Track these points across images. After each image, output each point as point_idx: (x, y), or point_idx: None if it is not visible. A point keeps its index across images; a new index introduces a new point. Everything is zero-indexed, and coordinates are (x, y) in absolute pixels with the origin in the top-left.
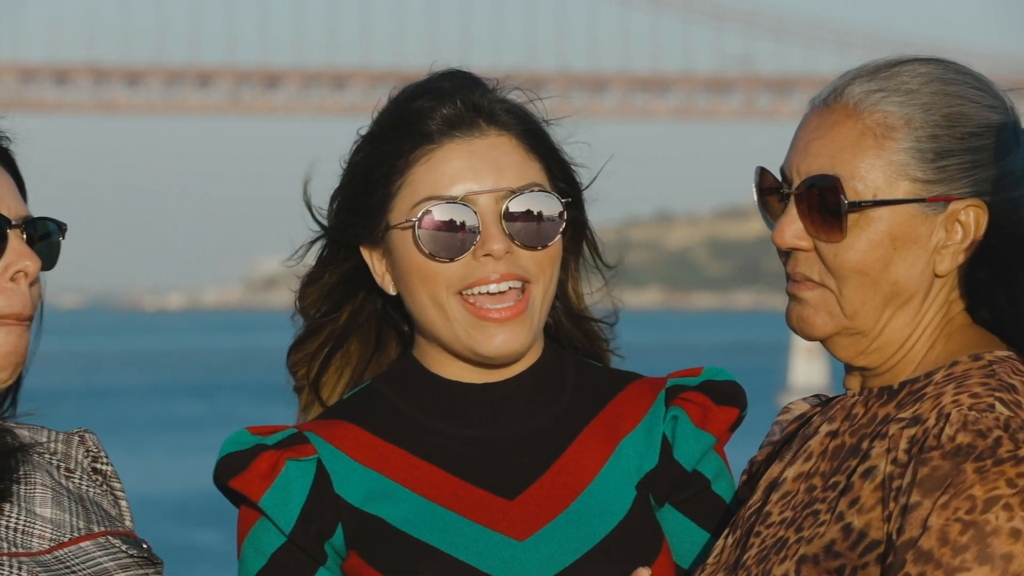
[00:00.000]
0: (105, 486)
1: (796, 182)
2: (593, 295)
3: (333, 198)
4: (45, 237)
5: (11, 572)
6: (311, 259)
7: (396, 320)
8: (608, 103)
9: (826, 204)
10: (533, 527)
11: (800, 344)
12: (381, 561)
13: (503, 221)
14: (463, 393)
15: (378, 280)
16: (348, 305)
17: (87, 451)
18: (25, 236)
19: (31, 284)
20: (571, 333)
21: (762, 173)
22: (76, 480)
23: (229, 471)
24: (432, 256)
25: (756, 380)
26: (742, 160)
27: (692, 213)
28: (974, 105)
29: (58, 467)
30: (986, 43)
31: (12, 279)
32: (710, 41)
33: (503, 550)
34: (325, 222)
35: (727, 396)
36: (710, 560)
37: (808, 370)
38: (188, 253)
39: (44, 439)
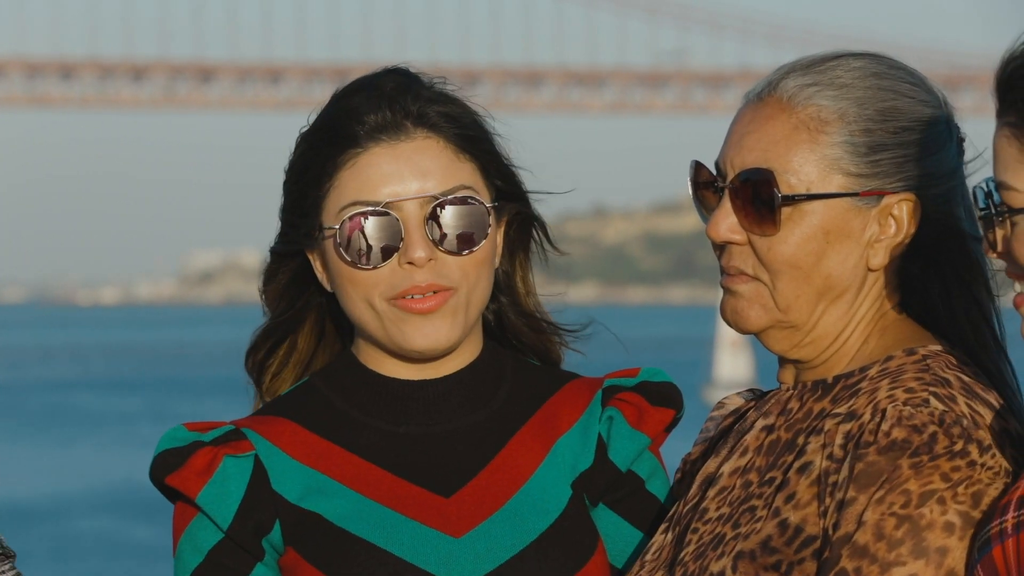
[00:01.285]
0: None
1: (730, 176)
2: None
3: (283, 190)
4: None
5: None
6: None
7: (338, 315)
8: (544, 97)
9: (760, 198)
10: (469, 524)
11: (725, 338)
12: (318, 557)
13: (426, 228)
14: (400, 390)
15: (319, 277)
16: (301, 301)
17: None
18: None
19: None
20: (517, 327)
21: (697, 167)
22: None
23: (165, 468)
24: (354, 264)
25: (682, 374)
26: (677, 154)
27: (628, 207)
28: (908, 100)
29: None
30: (920, 37)
31: None
32: (645, 35)
33: (439, 546)
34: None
35: (663, 397)
36: (648, 557)
37: (733, 364)
38: (121, 247)
39: None
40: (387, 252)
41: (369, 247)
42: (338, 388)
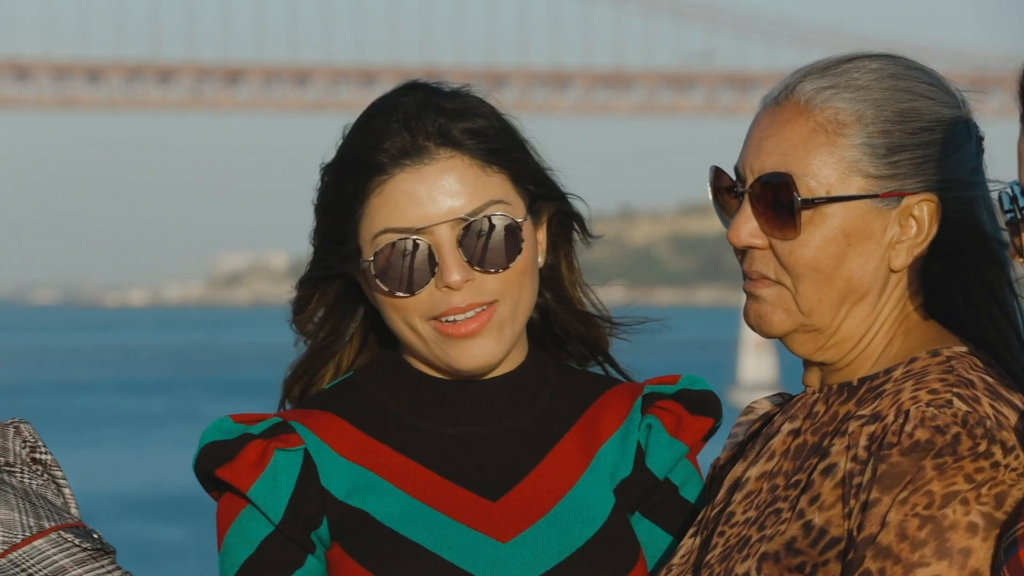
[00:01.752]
0: (46, 476)
1: (750, 180)
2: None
3: (315, 217)
4: None
5: None
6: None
7: (382, 323)
8: (570, 99)
9: (779, 202)
10: (516, 529)
11: (749, 340)
12: (365, 555)
13: (460, 250)
14: (446, 390)
15: (368, 295)
16: (346, 322)
17: (24, 441)
18: None
19: None
20: (565, 320)
21: (716, 172)
22: (18, 475)
23: (215, 460)
24: (391, 293)
25: (707, 376)
26: (705, 156)
27: (655, 209)
28: (926, 100)
29: None
30: (948, 40)
31: None
32: (671, 37)
33: (487, 551)
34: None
35: (702, 406)
36: (676, 561)
37: (757, 366)
38: (150, 249)
39: None
40: (423, 277)
41: (405, 274)
42: (383, 386)
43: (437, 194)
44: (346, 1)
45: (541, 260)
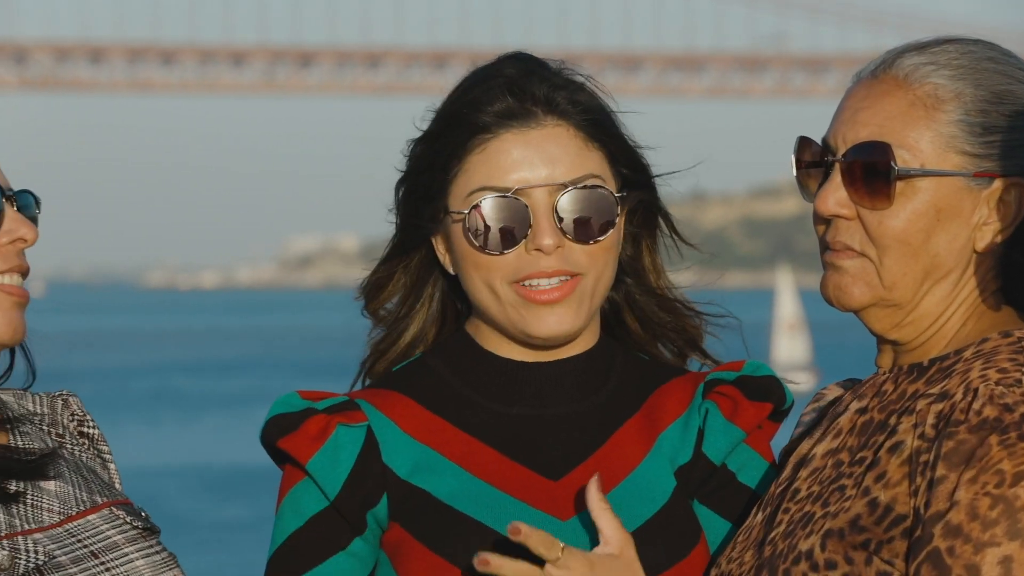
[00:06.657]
0: (93, 450)
1: (842, 150)
2: (683, 275)
3: (398, 187)
4: (24, 209)
5: (28, 550)
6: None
7: (454, 296)
8: (642, 82)
9: (874, 171)
10: (576, 508)
11: (782, 321)
12: (425, 533)
13: (555, 215)
14: (514, 371)
15: (441, 259)
16: (426, 298)
17: (72, 414)
18: (16, 207)
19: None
20: (647, 308)
21: (802, 143)
22: (68, 447)
23: (278, 431)
24: (481, 249)
25: (740, 358)
26: (776, 139)
27: (726, 192)
28: (1022, 86)
29: (49, 433)
30: (1020, 22)
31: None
32: (743, 19)
33: (546, 529)
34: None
35: (761, 391)
36: (740, 538)
37: (790, 347)
38: (221, 232)
39: (31, 405)
40: (515, 238)
41: (497, 232)
42: (452, 366)
43: (538, 159)
44: None
45: (618, 248)
